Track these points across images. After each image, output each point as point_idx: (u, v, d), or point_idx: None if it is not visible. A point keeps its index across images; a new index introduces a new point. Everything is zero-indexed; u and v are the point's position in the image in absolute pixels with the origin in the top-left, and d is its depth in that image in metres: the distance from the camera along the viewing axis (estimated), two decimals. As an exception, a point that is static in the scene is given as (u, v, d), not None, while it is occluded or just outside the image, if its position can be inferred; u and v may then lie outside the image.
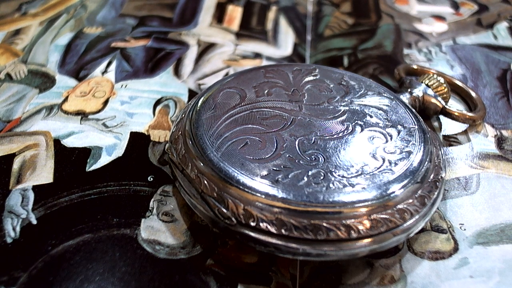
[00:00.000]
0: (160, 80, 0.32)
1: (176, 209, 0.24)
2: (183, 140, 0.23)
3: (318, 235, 0.20)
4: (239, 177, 0.21)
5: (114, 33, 0.36)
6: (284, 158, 0.22)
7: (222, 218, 0.21)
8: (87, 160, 0.26)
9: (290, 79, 0.27)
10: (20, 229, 0.22)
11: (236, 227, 0.20)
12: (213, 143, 0.22)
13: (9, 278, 0.21)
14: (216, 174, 0.21)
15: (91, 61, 0.33)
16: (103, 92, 0.30)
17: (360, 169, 0.22)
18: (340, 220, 0.20)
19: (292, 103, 0.25)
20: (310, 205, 0.20)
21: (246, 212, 0.20)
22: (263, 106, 0.25)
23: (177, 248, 0.22)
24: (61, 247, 0.22)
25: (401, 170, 0.22)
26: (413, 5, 0.42)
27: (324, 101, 0.26)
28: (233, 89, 0.26)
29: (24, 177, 0.25)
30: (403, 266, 0.22)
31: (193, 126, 0.23)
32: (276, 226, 0.20)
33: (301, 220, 0.20)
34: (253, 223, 0.20)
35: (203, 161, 0.22)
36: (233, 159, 0.21)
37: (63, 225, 0.23)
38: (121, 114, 0.29)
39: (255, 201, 0.20)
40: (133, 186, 0.25)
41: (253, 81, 0.26)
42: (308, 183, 0.21)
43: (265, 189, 0.20)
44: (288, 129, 0.24)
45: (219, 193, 0.21)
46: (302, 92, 0.26)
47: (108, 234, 0.23)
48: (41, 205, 0.23)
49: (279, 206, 0.20)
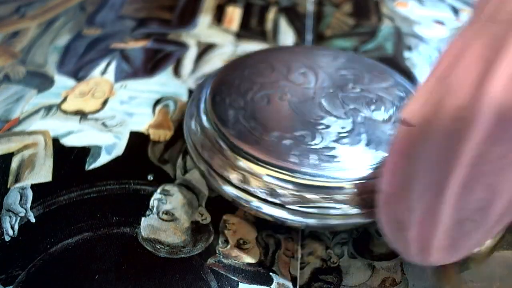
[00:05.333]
0: (159, 80, 0.32)
1: (177, 208, 0.24)
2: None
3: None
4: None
5: (114, 35, 0.36)
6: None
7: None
8: (87, 159, 0.26)
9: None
10: (18, 228, 0.22)
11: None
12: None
13: (7, 276, 0.20)
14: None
15: (90, 62, 0.33)
16: (102, 92, 0.30)
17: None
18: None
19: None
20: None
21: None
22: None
23: (177, 247, 0.22)
24: (60, 246, 0.22)
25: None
26: (413, 9, 0.42)
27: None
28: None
29: (22, 176, 0.24)
30: (404, 269, 0.22)
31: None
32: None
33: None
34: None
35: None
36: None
37: (62, 223, 0.23)
38: (120, 113, 0.29)
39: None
40: (133, 185, 0.24)
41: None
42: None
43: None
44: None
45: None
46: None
47: (108, 232, 0.22)
48: (40, 204, 0.23)
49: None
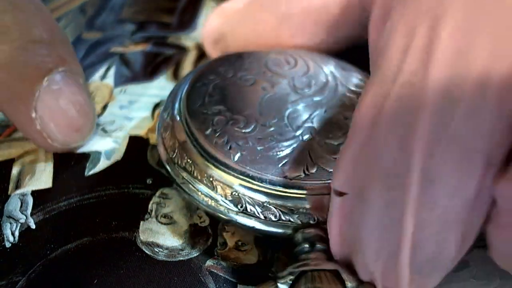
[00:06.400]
0: (159, 84, 0.32)
1: (175, 211, 0.24)
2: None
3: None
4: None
5: (113, 38, 0.36)
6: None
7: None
8: (86, 164, 0.26)
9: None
10: (19, 234, 0.22)
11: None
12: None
13: (7, 282, 0.21)
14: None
15: (90, 66, 0.33)
16: (102, 97, 0.30)
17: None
18: None
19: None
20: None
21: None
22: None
23: (176, 250, 0.22)
24: (60, 251, 0.22)
25: None
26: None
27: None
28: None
29: (23, 182, 0.25)
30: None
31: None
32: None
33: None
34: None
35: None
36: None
37: (62, 229, 0.23)
38: (120, 118, 0.29)
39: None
40: (132, 189, 0.25)
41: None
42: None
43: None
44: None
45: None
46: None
47: (107, 237, 0.23)
48: (40, 210, 0.23)
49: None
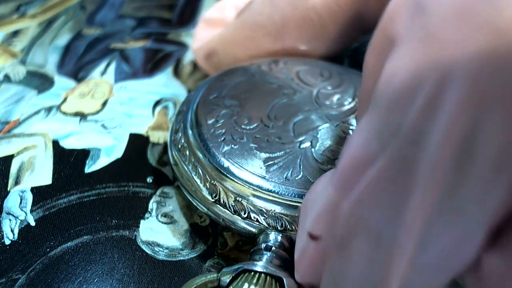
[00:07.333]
0: (159, 81, 0.32)
1: (176, 211, 0.24)
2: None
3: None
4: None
5: (113, 34, 0.36)
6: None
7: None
8: (86, 161, 0.26)
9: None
10: (18, 231, 0.22)
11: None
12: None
13: (7, 280, 0.21)
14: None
15: (90, 62, 0.33)
16: (102, 93, 0.30)
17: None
18: None
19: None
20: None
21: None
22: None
23: (176, 249, 0.22)
24: (60, 249, 0.22)
25: None
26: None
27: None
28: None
29: (22, 179, 0.25)
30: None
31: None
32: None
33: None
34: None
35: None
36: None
37: (62, 226, 0.23)
38: (120, 115, 0.29)
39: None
40: (132, 188, 0.24)
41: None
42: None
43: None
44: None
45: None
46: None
47: (107, 235, 0.22)
48: (40, 207, 0.23)
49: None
